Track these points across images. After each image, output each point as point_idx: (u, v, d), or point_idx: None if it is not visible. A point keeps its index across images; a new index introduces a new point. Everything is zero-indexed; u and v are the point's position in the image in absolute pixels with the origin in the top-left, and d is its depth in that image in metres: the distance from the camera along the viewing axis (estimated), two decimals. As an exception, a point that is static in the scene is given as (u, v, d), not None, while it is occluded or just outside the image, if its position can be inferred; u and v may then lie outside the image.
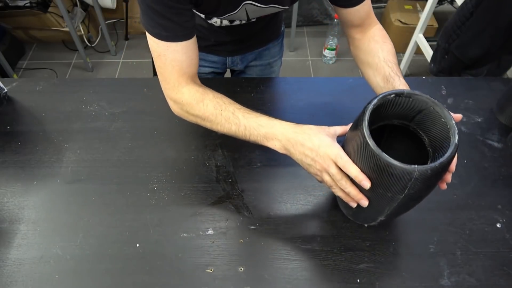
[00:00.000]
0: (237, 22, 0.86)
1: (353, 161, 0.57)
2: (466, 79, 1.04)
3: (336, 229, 0.74)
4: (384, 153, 0.52)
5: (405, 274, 0.68)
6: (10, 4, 2.21)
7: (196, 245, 0.72)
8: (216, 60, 1.05)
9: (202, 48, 1.00)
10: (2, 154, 0.85)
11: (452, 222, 0.75)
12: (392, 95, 0.57)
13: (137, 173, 0.82)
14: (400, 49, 2.45)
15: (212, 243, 0.72)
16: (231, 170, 0.82)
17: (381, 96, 0.56)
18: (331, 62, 2.41)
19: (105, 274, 0.68)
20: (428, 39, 2.07)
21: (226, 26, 0.88)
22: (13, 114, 0.93)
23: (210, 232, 0.73)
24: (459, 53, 1.54)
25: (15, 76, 2.23)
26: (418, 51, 2.19)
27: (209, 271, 0.69)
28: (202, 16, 0.85)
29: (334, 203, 0.77)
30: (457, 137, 0.53)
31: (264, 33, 1.03)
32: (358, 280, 0.68)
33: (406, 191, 0.54)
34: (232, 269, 0.69)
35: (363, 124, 0.54)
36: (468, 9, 1.46)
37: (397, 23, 2.34)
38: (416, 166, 0.51)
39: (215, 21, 0.86)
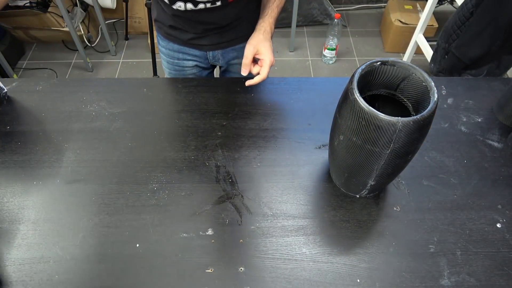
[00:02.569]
0: (201, 6, 0.88)
1: (346, 123, 0.63)
2: (466, 79, 1.04)
3: (336, 229, 0.74)
4: (371, 107, 0.57)
5: (405, 274, 0.68)
6: (10, 4, 2.21)
7: (196, 245, 0.71)
8: (197, 54, 1.08)
9: (184, 42, 1.04)
10: (2, 154, 0.85)
11: (452, 222, 0.75)
12: (378, 63, 0.63)
13: (137, 173, 0.82)
14: (400, 49, 2.45)
15: (212, 243, 0.72)
16: (231, 170, 0.82)
17: (368, 63, 0.63)
18: (331, 62, 2.41)
19: (105, 274, 0.68)
20: (428, 39, 2.07)
21: (192, 11, 0.89)
22: (13, 114, 0.93)
23: (210, 232, 0.73)
24: (459, 53, 1.54)
25: (15, 76, 2.23)
26: (418, 51, 2.19)
27: (209, 271, 0.69)
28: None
29: (335, 203, 0.77)
30: (436, 96, 0.58)
31: (243, 26, 1.02)
32: (358, 280, 0.68)
33: (391, 144, 0.59)
34: (232, 269, 0.69)
35: (353, 85, 0.60)
36: (468, 9, 1.46)
37: (397, 23, 2.34)
38: (400, 117, 0.56)
39: (179, 5, 0.88)
